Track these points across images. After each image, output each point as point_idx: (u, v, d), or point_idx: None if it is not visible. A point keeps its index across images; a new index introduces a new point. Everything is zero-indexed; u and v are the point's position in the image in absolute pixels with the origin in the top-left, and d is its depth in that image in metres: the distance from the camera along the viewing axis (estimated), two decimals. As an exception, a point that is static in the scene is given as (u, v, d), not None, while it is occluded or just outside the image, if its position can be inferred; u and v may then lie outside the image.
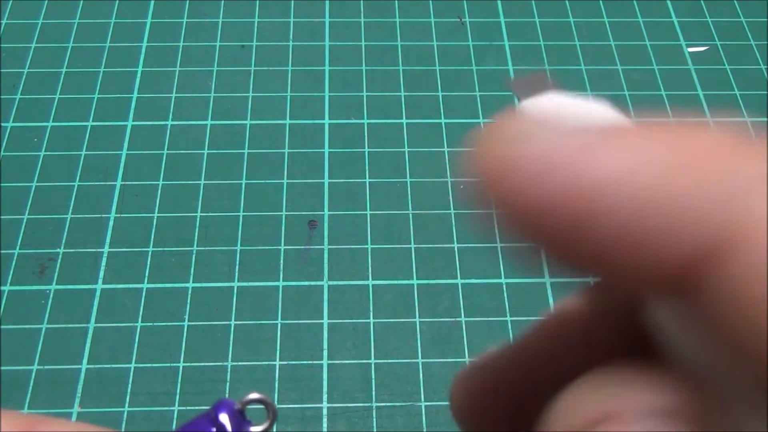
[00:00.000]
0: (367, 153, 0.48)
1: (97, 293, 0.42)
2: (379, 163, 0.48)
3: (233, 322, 0.41)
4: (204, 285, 0.43)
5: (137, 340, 0.41)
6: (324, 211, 0.46)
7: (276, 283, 0.43)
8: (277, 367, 0.40)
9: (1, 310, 0.41)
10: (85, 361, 0.40)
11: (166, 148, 0.48)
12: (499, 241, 0.10)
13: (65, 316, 0.41)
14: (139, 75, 0.52)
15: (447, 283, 0.43)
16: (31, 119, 0.49)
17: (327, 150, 0.48)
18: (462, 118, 0.50)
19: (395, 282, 0.43)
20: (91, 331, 0.41)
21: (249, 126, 0.49)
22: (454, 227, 0.45)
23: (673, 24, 0.56)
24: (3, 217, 0.45)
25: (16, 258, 0.43)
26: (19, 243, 0.44)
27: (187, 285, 0.43)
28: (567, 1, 0.57)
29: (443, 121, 0.50)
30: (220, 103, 0.51)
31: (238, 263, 0.44)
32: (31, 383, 0.39)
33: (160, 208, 0.46)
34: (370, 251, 0.44)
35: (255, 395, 0.17)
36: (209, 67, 0.52)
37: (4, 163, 0.47)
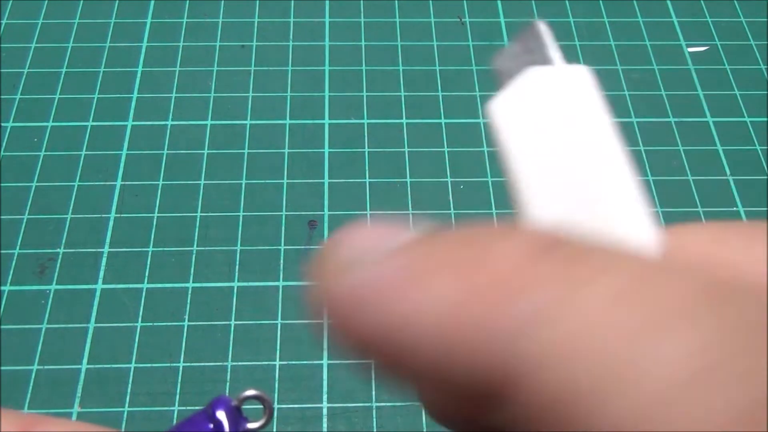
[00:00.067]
0: (367, 153, 0.48)
1: (97, 293, 0.42)
2: (379, 163, 0.48)
3: (233, 322, 0.41)
4: (204, 285, 0.43)
5: (137, 340, 0.41)
6: (324, 211, 0.46)
7: (276, 283, 0.43)
8: (277, 367, 0.40)
9: (1, 310, 0.41)
10: (85, 361, 0.40)
11: (166, 148, 0.48)
12: None
13: (65, 316, 0.41)
14: (139, 75, 0.52)
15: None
16: (31, 119, 0.49)
17: (327, 150, 0.48)
18: (462, 118, 0.50)
19: (395, 282, 0.43)
20: (91, 331, 0.41)
21: (249, 126, 0.49)
22: (454, 227, 0.45)
23: (673, 24, 0.56)
24: (3, 217, 0.45)
25: (16, 258, 0.43)
26: (19, 243, 0.44)
27: (187, 285, 0.43)
28: (567, 1, 0.57)
29: (443, 121, 0.50)
30: (220, 103, 0.51)
31: (238, 263, 0.44)
32: (31, 383, 0.39)
33: (160, 208, 0.46)
34: (370, 251, 0.44)
35: (251, 392, 0.17)
36: (209, 67, 0.52)
37: (4, 163, 0.47)
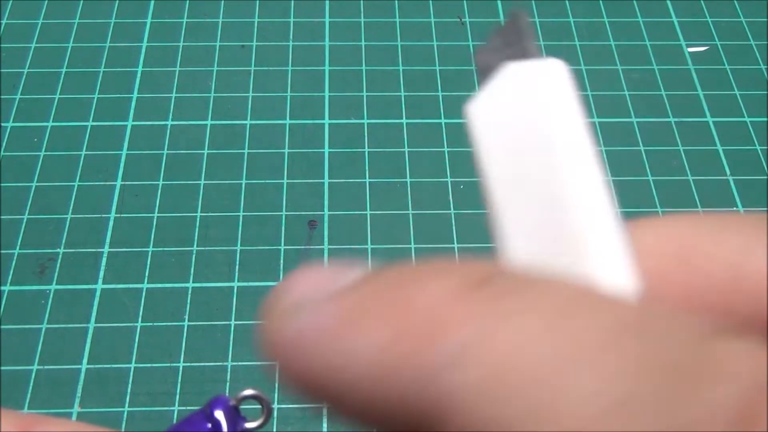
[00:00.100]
0: (367, 153, 0.48)
1: (97, 293, 0.42)
2: (379, 163, 0.48)
3: (233, 322, 0.41)
4: (204, 285, 0.43)
5: (137, 340, 0.41)
6: (324, 211, 0.46)
7: (276, 283, 0.43)
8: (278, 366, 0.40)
9: (1, 310, 0.41)
10: (85, 361, 0.40)
11: (166, 148, 0.48)
12: None
13: (65, 316, 0.41)
14: (139, 75, 0.52)
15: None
16: (31, 119, 0.49)
17: (327, 150, 0.48)
18: (462, 118, 0.50)
19: (395, 282, 0.43)
20: (91, 331, 0.41)
21: (249, 126, 0.49)
22: (454, 227, 0.45)
23: (673, 24, 0.56)
24: (3, 217, 0.45)
25: (16, 258, 0.43)
26: (19, 243, 0.44)
27: (187, 285, 0.43)
28: (567, 1, 0.57)
29: (443, 121, 0.50)
30: (220, 103, 0.51)
31: (238, 263, 0.44)
32: (31, 383, 0.39)
33: (160, 208, 0.46)
34: (370, 251, 0.44)
35: (250, 391, 0.17)
36: (209, 67, 0.52)
37: (4, 163, 0.47)
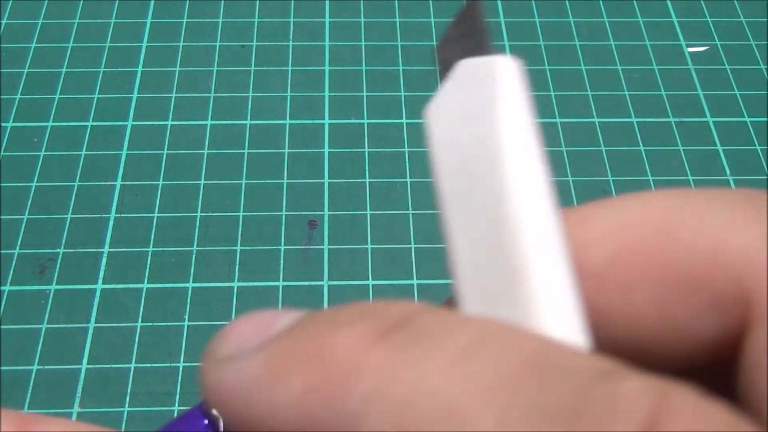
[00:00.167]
0: (367, 153, 0.48)
1: (97, 293, 0.42)
2: (379, 163, 0.48)
3: (233, 322, 0.41)
4: (204, 285, 0.43)
5: (137, 340, 0.41)
6: (324, 211, 0.46)
7: (276, 283, 0.43)
8: (277, 367, 0.40)
9: (1, 310, 0.41)
10: (85, 361, 0.40)
11: (166, 148, 0.48)
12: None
13: (65, 316, 0.41)
14: (139, 75, 0.52)
15: (447, 283, 0.43)
16: (31, 119, 0.49)
17: (327, 150, 0.48)
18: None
19: (395, 282, 0.43)
20: (91, 331, 0.41)
21: (249, 126, 0.49)
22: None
23: (673, 24, 0.56)
24: (3, 217, 0.45)
25: (16, 258, 0.43)
26: (19, 243, 0.44)
27: (187, 285, 0.43)
28: (567, 1, 0.57)
29: (443, 121, 0.50)
30: (220, 103, 0.51)
31: (238, 263, 0.44)
32: (31, 383, 0.39)
33: (160, 208, 0.46)
34: (370, 251, 0.44)
35: None
36: (209, 67, 0.52)
37: (4, 163, 0.47)
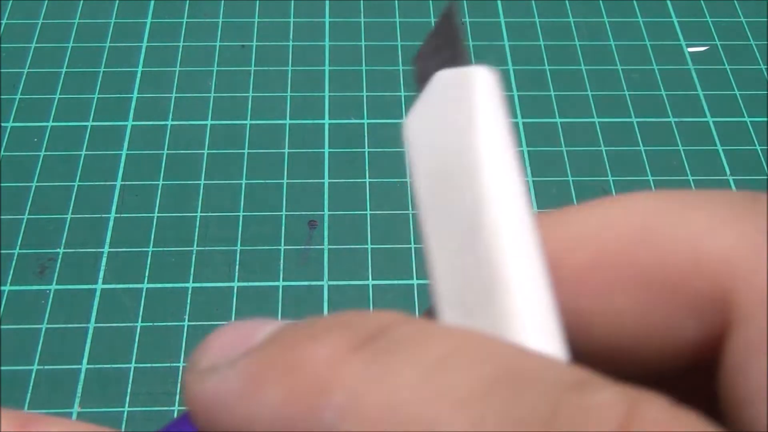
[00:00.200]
0: (367, 153, 0.48)
1: (97, 293, 0.42)
2: (379, 163, 0.48)
3: (233, 322, 0.41)
4: (204, 285, 0.43)
5: (137, 340, 0.41)
6: (324, 211, 0.46)
7: (276, 283, 0.43)
8: (277, 367, 0.40)
9: (1, 310, 0.41)
10: (85, 361, 0.40)
11: (166, 148, 0.48)
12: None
13: (65, 316, 0.41)
14: (139, 75, 0.52)
15: (447, 283, 0.43)
16: (31, 119, 0.49)
17: (327, 150, 0.48)
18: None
19: (395, 282, 0.43)
20: (91, 331, 0.41)
21: (249, 126, 0.49)
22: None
23: (673, 24, 0.56)
24: (3, 217, 0.45)
25: (16, 258, 0.43)
26: (19, 243, 0.44)
27: (187, 285, 0.43)
28: (567, 1, 0.57)
29: (443, 121, 0.50)
30: (220, 103, 0.51)
31: (238, 263, 0.44)
32: (31, 383, 0.39)
33: (160, 208, 0.46)
34: (370, 251, 0.44)
35: None
36: (209, 67, 0.52)
37: (4, 163, 0.47)
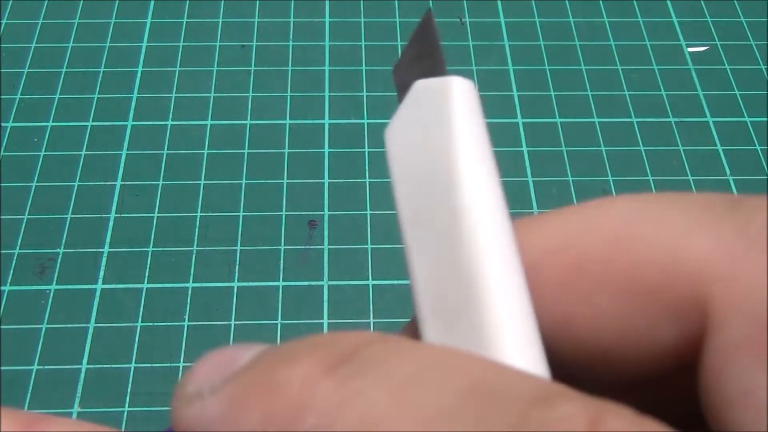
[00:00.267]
0: (367, 153, 0.48)
1: (97, 293, 0.42)
2: (379, 163, 0.48)
3: (233, 322, 0.41)
4: (204, 285, 0.43)
5: (137, 340, 0.41)
6: (324, 211, 0.46)
7: (276, 283, 0.43)
8: (277, 367, 0.40)
9: (1, 310, 0.41)
10: (85, 361, 0.40)
11: (166, 148, 0.48)
12: None
13: (65, 316, 0.41)
14: (139, 75, 0.52)
15: (447, 283, 0.43)
16: (31, 119, 0.49)
17: (327, 150, 0.48)
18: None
19: (395, 282, 0.43)
20: (91, 331, 0.41)
21: (249, 126, 0.49)
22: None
23: (673, 24, 0.56)
24: (3, 217, 0.45)
25: (16, 258, 0.43)
26: (19, 243, 0.44)
27: (187, 285, 0.43)
28: (567, 1, 0.57)
29: (443, 121, 0.50)
30: (220, 103, 0.51)
31: (238, 263, 0.44)
32: (31, 383, 0.39)
33: (160, 208, 0.46)
34: (370, 251, 0.44)
35: None
36: (209, 67, 0.52)
37: (4, 163, 0.47)
